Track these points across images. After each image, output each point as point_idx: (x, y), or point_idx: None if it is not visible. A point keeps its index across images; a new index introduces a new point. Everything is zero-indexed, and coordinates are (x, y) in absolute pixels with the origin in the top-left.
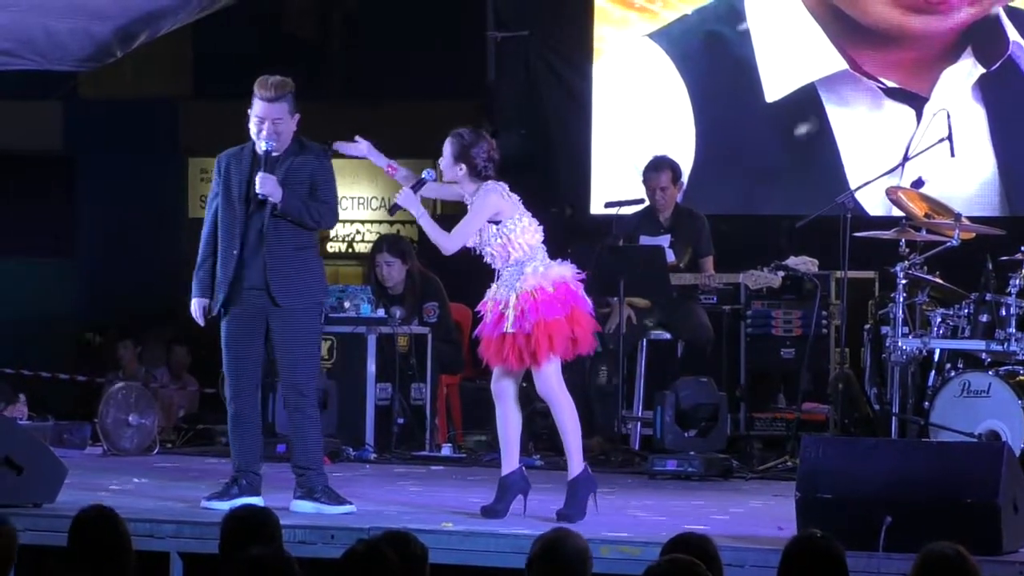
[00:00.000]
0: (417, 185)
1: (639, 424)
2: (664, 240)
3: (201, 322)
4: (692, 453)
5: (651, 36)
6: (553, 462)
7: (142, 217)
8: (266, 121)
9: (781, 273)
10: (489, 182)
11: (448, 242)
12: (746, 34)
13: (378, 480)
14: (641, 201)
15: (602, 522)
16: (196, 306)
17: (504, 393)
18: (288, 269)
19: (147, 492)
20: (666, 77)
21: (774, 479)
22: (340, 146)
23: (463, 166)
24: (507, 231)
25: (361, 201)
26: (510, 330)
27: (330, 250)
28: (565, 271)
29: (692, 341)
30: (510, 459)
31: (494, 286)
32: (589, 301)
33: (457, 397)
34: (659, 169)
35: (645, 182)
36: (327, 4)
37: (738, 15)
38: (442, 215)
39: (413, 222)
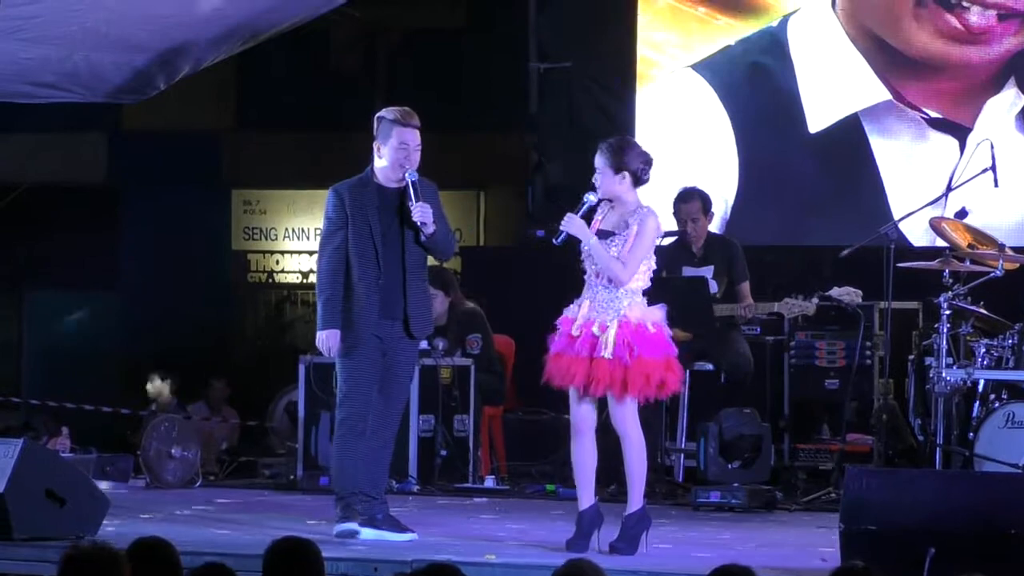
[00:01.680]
0: (580, 209)
1: (682, 455)
2: (707, 271)
3: (335, 353)
4: (736, 484)
5: (694, 67)
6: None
7: (186, 249)
8: (409, 147)
9: (816, 300)
10: (649, 207)
11: (624, 273)
12: (789, 65)
13: (421, 512)
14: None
15: (646, 554)
16: (331, 338)
17: (584, 425)
18: (423, 301)
19: (189, 524)
20: (709, 108)
21: (818, 510)
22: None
23: (626, 174)
24: (644, 261)
25: None
26: (609, 356)
27: None
28: (662, 315)
29: (732, 372)
30: (587, 494)
31: (586, 303)
32: (675, 347)
33: (500, 429)
34: (689, 200)
35: (676, 213)
36: (372, 36)
37: (781, 46)
38: None
39: (457, 254)
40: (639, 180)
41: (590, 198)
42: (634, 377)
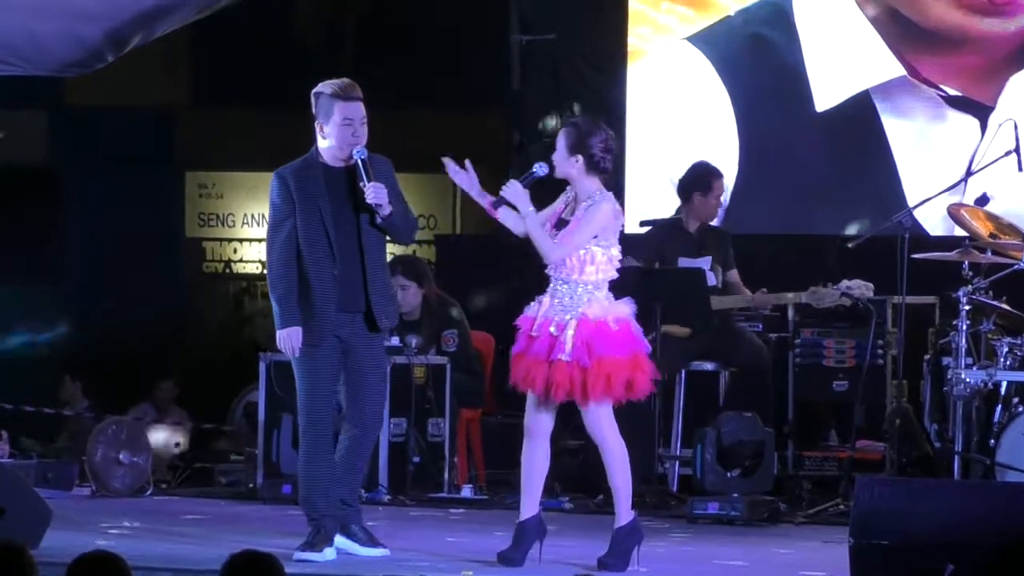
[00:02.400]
0: (527, 178)
1: (677, 463)
2: (705, 262)
3: (297, 353)
4: (735, 495)
5: (690, 39)
6: (583, 505)
7: (135, 237)
8: (354, 122)
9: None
10: (607, 193)
11: (554, 252)
12: (795, 37)
13: (392, 524)
14: (679, 220)
15: (639, 571)
16: (293, 336)
17: (538, 429)
18: (385, 288)
19: (141, 536)
20: (707, 84)
21: (825, 524)
22: (448, 164)
23: (580, 157)
24: (596, 248)
25: None
26: (566, 358)
27: None
28: (628, 310)
29: (751, 366)
30: (531, 502)
31: (546, 300)
32: (648, 344)
33: (478, 433)
34: (721, 177)
35: (712, 191)
36: (338, 6)
37: (786, 16)
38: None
39: (430, 242)
40: (596, 167)
41: (540, 169)
42: (594, 379)
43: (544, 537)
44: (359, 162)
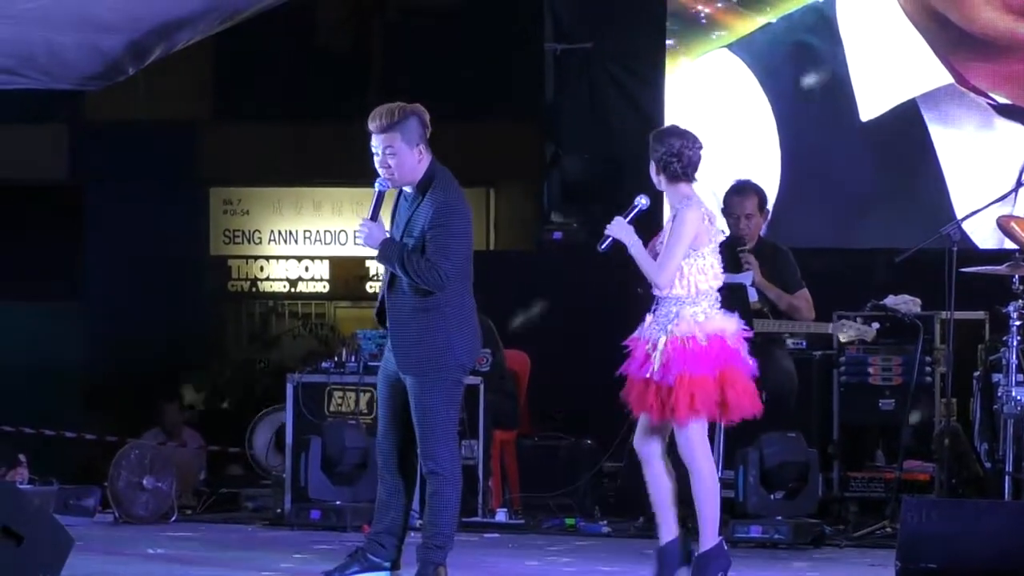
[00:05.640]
0: (630, 212)
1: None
2: (746, 278)
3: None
4: (779, 518)
5: (731, 47)
6: (622, 528)
7: (158, 254)
8: (379, 153)
9: (876, 325)
10: (693, 199)
11: (657, 275)
12: (839, 44)
13: None
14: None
15: None
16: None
17: (651, 454)
18: (406, 331)
19: (164, 564)
20: (748, 93)
21: (872, 547)
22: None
23: (654, 167)
24: (686, 262)
25: None
26: (655, 376)
27: (369, 290)
28: (728, 325)
29: (775, 391)
30: (668, 526)
31: (649, 319)
32: (752, 362)
33: (513, 455)
34: (743, 194)
35: (726, 208)
36: (364, 14)
37: (829, 23)
38: None
39: None
40: (674, 176)
41: (641, 200)
42: (679, 397)
43: (687, 561)
44: (375, 194)
